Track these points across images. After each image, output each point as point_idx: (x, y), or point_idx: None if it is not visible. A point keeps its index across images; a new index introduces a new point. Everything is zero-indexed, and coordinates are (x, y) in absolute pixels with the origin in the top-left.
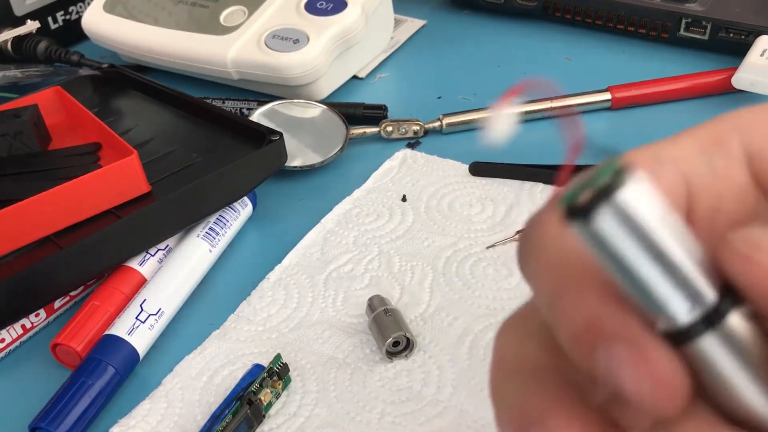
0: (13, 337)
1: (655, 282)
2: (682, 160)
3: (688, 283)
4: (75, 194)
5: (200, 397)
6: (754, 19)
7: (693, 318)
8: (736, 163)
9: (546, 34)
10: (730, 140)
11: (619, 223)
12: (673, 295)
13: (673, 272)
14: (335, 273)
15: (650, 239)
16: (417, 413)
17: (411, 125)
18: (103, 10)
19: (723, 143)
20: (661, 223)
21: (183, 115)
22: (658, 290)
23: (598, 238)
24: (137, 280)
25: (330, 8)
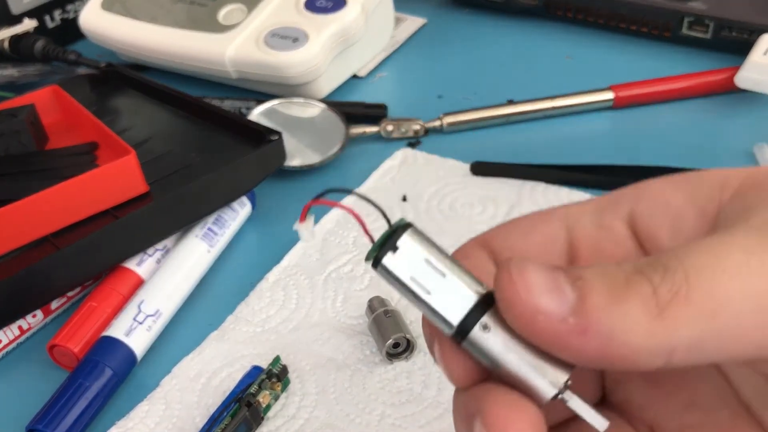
0: (10, 339)
1: (427, 303)
2: (571, 217)
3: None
4: (72, 194)
5: (199, 399)
6: (757, 18)
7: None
8: (618, 220)
9: (547, 32)
10: (622, 201)
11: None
12: (442, 310)
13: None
14: (335, 274)
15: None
16: (417, 415)
17: (411, 124)
18: (101, 8)
19: (616, 203)
20: (428, 258)
21: (181, 114)
22: (433, 308)
23: (387, 278)
24: (135, 281)
25: (330, 6)
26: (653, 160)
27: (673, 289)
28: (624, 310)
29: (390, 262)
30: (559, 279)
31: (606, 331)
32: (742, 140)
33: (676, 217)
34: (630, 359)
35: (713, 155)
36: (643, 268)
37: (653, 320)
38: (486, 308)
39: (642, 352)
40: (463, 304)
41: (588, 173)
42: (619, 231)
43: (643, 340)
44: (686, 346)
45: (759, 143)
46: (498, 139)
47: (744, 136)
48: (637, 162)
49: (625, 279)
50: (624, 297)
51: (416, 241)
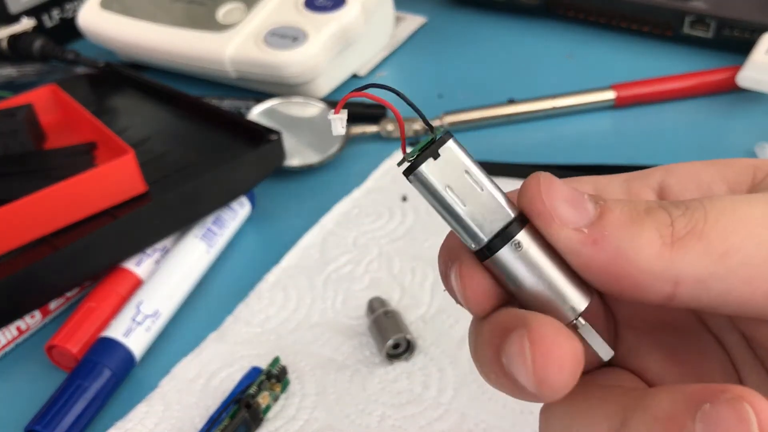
0: (8, 339)
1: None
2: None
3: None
4: (70, 194)
5: (198, 400)
6: (758, 17)
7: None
8: (648, 189)
9: (548, 31)
10: (653, 175)
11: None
12: (475, 224)
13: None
14: (334, 274)
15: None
16: (417, 416)
17: (411, 124)
18: (100, 7)
19: (646, 176)
20: (468, 169)
21: (180, 114)
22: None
23: (420, 190)
24: (134, 282)
25: (329, 5)
26: (654, 160)
27: (690, 224)
28: (638, 231)
29: (428, 169)
30: (583, 196)
31: (616, 245)
32: (743, 139)
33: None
34: (636, 280)
35: (715, 155)
36: (665, 204)
37: (664, 246)
38: (520, 227)
39: (648, 275)
40: (497, 219)
41: (589, 173)
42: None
43: (651, 263)
44: (692, 279)
45: (760, 142)
46: (498, 139)
47: (745, 135)
48: (639, 162)
49: (646, 208)
50: (640, 221)
51: (458, 150)
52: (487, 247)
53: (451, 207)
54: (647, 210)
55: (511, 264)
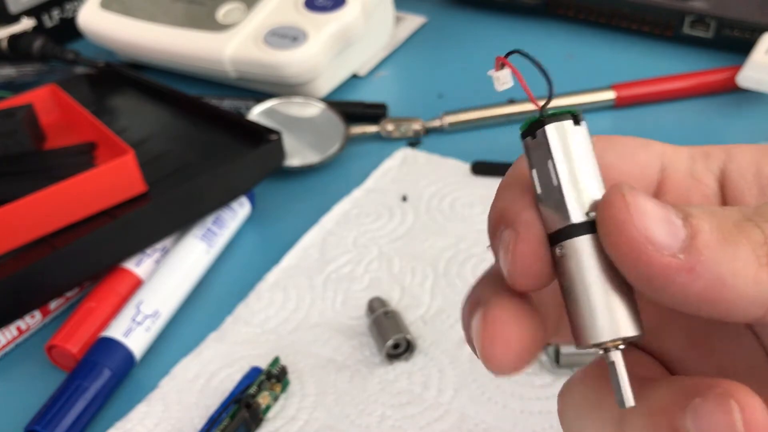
0: (8, 339)
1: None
2: (668, 155)
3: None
4: (70, 194)
5: (197, 400)
6: (758, 17)
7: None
8: (710, 174)
9: (549, 31)
10: (714, 156)
11: (557, 142)
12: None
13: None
14: (334, 274)
15: (575, 159)
16: (417, 416)
17: (411, 124)
18: (100, 7)
19: (708, 156)
20: (583, 152)
21: (180, 113)
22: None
23: (535, 147)
24: (134, 282)
25: (329, 5)
26: None
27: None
28: (734, 253)
29: (557, 129)
30: (670, 212)
31: (715, 272)
32: (744, 139)
33: (765, 184)
34: (732, 304)
35: None
36: (751, 215)
37: (761, 268)
38: None
39: (744, 299)
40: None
41: None
42: (708, 185)
43: (748, 287)
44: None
45: (761, 142)
46: (498, 139)
47: (746, 135)
48: None
49: (735, 223)
50: (735, 240)
51: (586, 130)
52: (568, 230)
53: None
54: (738, 227)
55: (581, 257)
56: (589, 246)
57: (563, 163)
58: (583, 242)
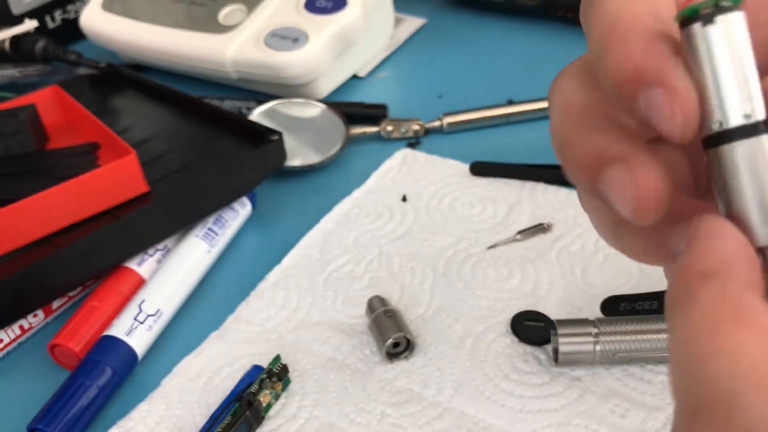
0: (11, 338)
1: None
2: None
3: (751, 97)
4: (73, 194)
5: (199, 399)
6: None
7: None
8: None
9: (548, 32)
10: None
11: (726, 35)
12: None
13: (745, 84)
14: (335, 274)
15: (741, 55)
16: (417, 415)
17: (411, 124)
18: (102, 8)
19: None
20: (748, 48)
21: (182, 114)
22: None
23: (708, 40)
24: (136, 281)
25: (330, 7)
26: None
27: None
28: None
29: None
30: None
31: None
32: None
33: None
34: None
35: None
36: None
37: None
38: None
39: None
40: (754, 108)
41: None
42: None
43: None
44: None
45: None
46: (498, 139)
47: None
48: None
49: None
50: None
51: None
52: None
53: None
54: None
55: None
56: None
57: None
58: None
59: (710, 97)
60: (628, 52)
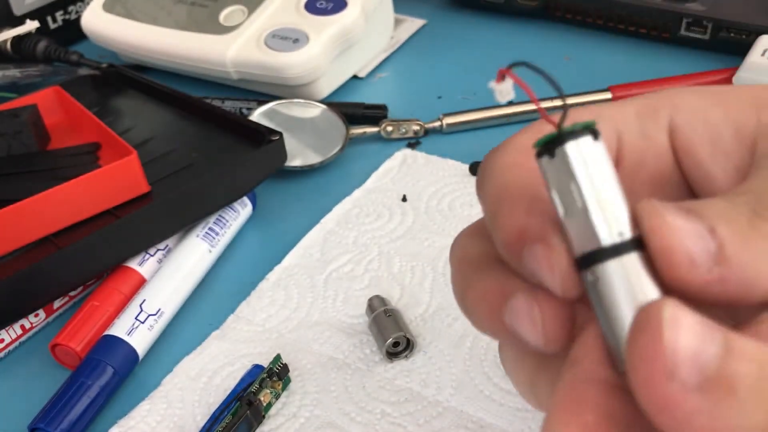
0: (12, 338)
1: (587, 209)
2: (618, 120)
3: (614, 217)
4: (74, 194)
5: (200, 398)
6: (755, 19)
7: (608, 244)
8: (661, 129)
9: (546, 33)
10: (661, 111)
11: (579, 161)
12: (599, 224)
13: (605, 206)
14: (335, 273)
15: (599, 177)
16: (417, 414)
17: (411, 125)
18: (103, 9)
19: (656, 111)
20: (607, 169)
21: (182, 114)
22: (591, 216)
23: (553, 169)
24: (137, 281)
25: (330, 8)
26: None
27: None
28: (755, 254)
29: (577, 148)
30: (698, 223)
31: (743, 278)
32: None
33: (714, 135)
34: (756, 297)
35: None
36: (760, 210)
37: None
38: (638, 246)
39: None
40: (620, 229)
41: None
42: (661, 143)
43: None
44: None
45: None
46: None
47: None
48: None
49: (748, 221)
50: (754, 241)
51: (604, 147)
52: (600, 253)
53: (582, 196)
54: (752, 225)
55: (614, 281)
56: (622, 268)
57: (588, 183)
58: (616, 264)
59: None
60: (512, 217)
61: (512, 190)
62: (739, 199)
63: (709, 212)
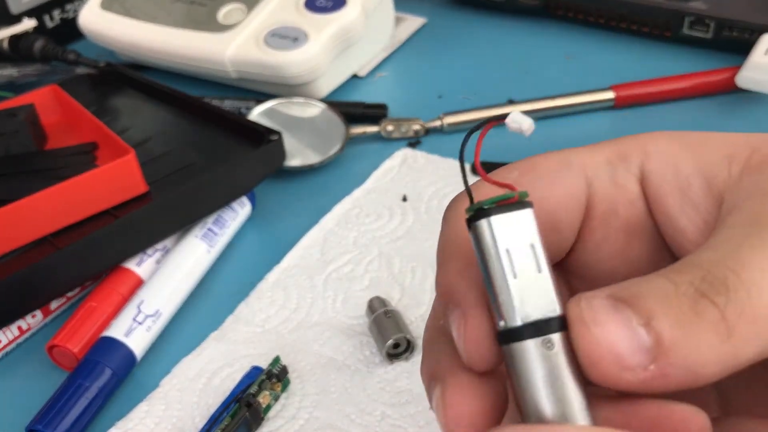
0: (9, 339)
1: (503, 287)
2: (589, 167)
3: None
4: (72, 194)
5: (198, 399)
6: (758, 18)
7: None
8: (632, 177)
9: (548, 32)
10: (632, 158)
11: (491, 235)
12: (518, 301)
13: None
14: (335, 274)
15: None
16: (417, 416)
17: (411, 124)
18: (100, 7)
19: (626, 158)
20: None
21: (181, 114)
22: (510, 293)
23: (477, 241)
24: (135, 281)
25: (330, 6)
26: None
27: (738, 310)
28: (697, 343)
29: (498, 223)
30: (631, 318)
31: (685, 369)
32: None
33: (685, 186)
34: (707, 381)
35: None
36: (705, 290)
37: (724, 343)
38: (560, 328)
39: (714, 374)
40: (543, 308)
41: None
42: (632, 191)
43: (716, 366)
44: (754, 356)
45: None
46: (498, 139)
47: None
48: None
49: (691, 306)
50: (695, 329)
51: (533, 222)
52: (517, 331)
53: (501, 272)
54: (695, 310)
55: (530, 361)
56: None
57: (501, 260)
58: (523, 347)
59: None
60: (444, 274)
61: (453, 247)
62: (683, 278)
63: (646, 300)
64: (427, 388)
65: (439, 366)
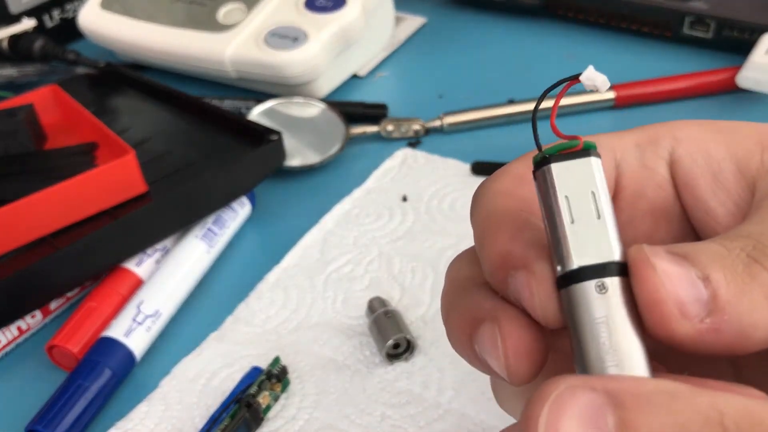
0: (9, 339)
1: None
2: (618, 150)
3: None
4: (71, 194)
5: (198, 400)
6: (758, 18)
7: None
8: (661, 160)
9: (549, 32)
10: (662, 142)
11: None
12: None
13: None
14: (335, 274)
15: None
16: (417, 416)
17: (411, 124)
18: (100, 7)
19: (656, 142)
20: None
21: (181, 114)
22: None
23: (539, 188)
24: (134, 282)
25: (330, 6)
26: None
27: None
28: (751, 305)
29: (558, 169)
30: (691, 271)
31: (737, 328)
32: None
33: (716, 170)
34: (752, 348)
35: None
36: (757, 256)
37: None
38: (617, 273)
39: (762, 339)
40: (599, 252)
41: None
42: (661, 174)
43: (766, 328)
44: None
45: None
46: (498, 139)
47: None
48: None
49: (745, 268)
50: (750, 291)
51: (598, 170)
52: (570, 275)
53: (557, 217)
54: (749, 272)
55: (585, 304)
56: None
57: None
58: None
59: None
60: (497, 243)
61: (499, 217)
62: (734, 244)
63: (702, 257)
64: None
65: (481, 310)
